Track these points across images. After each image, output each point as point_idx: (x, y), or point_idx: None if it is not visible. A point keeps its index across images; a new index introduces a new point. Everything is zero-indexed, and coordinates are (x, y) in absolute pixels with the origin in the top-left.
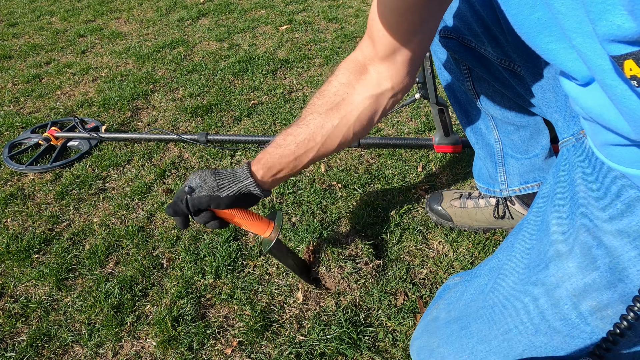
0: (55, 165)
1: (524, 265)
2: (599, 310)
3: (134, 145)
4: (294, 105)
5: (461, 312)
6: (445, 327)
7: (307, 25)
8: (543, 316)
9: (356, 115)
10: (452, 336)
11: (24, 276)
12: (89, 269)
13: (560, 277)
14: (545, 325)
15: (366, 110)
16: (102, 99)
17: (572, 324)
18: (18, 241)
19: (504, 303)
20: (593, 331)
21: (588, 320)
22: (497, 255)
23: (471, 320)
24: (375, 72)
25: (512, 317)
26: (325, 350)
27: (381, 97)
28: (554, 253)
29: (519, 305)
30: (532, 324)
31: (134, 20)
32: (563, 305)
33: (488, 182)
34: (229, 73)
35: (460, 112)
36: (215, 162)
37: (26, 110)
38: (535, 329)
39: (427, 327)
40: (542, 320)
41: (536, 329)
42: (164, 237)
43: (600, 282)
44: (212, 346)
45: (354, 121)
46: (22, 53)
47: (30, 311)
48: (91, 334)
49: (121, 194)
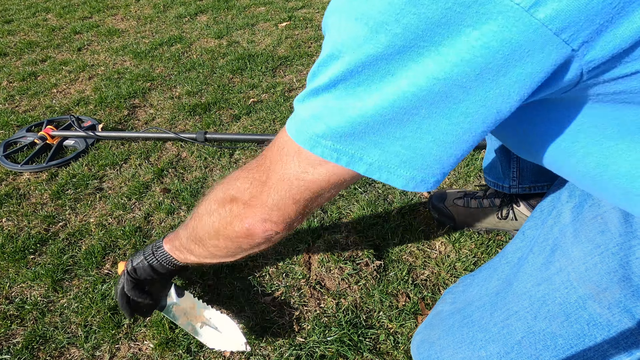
0: (51, 164)
1: (531, 251)
2: (598, 294)
3: (131, 144)
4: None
5: (465, 301)
6: (449, 318)
7: (307, 22)
8: (543, 301)
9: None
10: (454, 327)
11: (19, 277)
12: (86, 270)
13: (563, 262)
14: (544, 310)
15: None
16: (98, 97)
17: (571, 309)
18: (13, 241)
19: (507, 289)
20: (591, 316)
21: (586, 305)
22: (510, 243)
23: (474, 308)
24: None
25: (513, 303)
26: (325, 352)
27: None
28: (561, 239)
29: (522, 290)
30: (533, 309)
31: (131, 17)
32: (563, 290)
33: (498, 177)
34: (227, 71)
35: None
36: (213, 161)
37: (21, 109)
38: (535, 314)
39: (430, 322)
40: (542, 305)
41: (535, 314)
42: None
43: (602, 266)
44: (211, 348)
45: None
46: (17, 50)
47: (25, 313)
48: (87, 336)
49: (118, 194)
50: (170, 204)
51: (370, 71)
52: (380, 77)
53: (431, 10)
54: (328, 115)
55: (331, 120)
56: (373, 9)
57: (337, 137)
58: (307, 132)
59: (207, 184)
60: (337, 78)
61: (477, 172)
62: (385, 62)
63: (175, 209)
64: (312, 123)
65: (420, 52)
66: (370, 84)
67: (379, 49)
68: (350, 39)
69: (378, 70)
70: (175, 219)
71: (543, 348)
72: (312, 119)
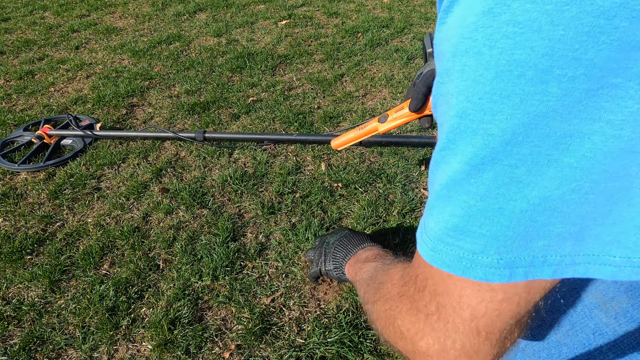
0: (48, 164)
1: None
2: (604, 304)
3: (129, 144)
4: (294, 102)
5: None
6: None
7: (307, 20)
8: (548, 309)
9: None
10: None
11: (16, 278)
12: (83, 271)
13: None
14: (549, 318)
15: None
16: (96, 95)
17: (576, 317)
18: (10, 242)
19: None
20: (597, 325)
21: (592, 314)
22: None
23: None
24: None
25: None
26: (325, 353)
27: None
28: None
29: None
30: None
31: (129, 15)
32: (569, 298)
33: None
34: (226, 69)
35: None
36: (212, 160)
37: (18, 108)
38: (539, 323)
39: None
40: (547, 314)
41: (540, 323)
42: (160, 238)
43: None
44: (210, 350)
45: None
46: (14, 49)
47: (22, 314)
48: (85, 337)
49: (116, 194)
50: (168, 203)
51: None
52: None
53: None
54: None
55: None
56: None
57: None
58: None
59: (206, 184)
60: None
61: None
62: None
63: (173, 209)
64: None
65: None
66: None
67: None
68: None
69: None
70: (174, 219)
71: (547, 356)
72: None
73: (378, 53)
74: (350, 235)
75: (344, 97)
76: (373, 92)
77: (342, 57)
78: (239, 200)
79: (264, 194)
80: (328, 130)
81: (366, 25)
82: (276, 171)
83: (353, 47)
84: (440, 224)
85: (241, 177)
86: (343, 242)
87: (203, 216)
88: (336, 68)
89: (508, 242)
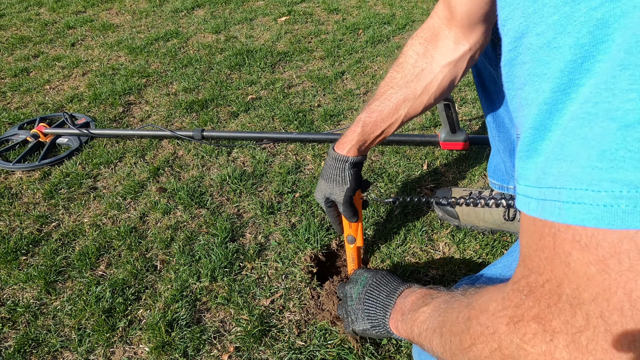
0: (43, 163)
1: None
2: None
3: (126, 142)
4: (293, 100)
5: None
6: None
7: (307, 16)
8: None
9: (437, 84)
10: None
11: (11, 279)
12: (79, 272)
13: None
14: None
15: (446, 77)
16: (92, 93)
17: None
18: (5, 242)
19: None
20: None
21: None
22: (516, 243)
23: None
24: (451, 36)
25: None
26: (326, 356)
27: (459, 62)
28: None
29: None
30: None
31: (126, 11)
32: None
33: (503, 179)
34: (225, 66)
35: (485, 101)
36: (211, 159)
37: (13, 106)
38: None
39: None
40: None
41: None
42: (158, 238)
43: None
44: (208, 352)
45: (434, 89)
46: (9, 45)
47: (17, 315)
48: (81, 339)
49: (113, 193)
50: (166, 203)
51: None
52: None
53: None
54: None
55: None
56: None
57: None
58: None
59: (204, 183)
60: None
61: (482, 171)
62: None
63: (171, 209)
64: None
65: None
66: None
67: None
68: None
69: None
70: (171, 219)
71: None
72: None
73: (379, 50)
74: (376, 284)
75: (344, 95)
76: (374, 89)
77: (343, 54)
78: (237, 200)
79: (263, 193)
80: (328, 128)
81: (367, 21)
82: (276, 170)
83: (354, 44)
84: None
85: (240, 177)
86: (372, 295)
87: (201, 216)
88: (337, 65)
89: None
